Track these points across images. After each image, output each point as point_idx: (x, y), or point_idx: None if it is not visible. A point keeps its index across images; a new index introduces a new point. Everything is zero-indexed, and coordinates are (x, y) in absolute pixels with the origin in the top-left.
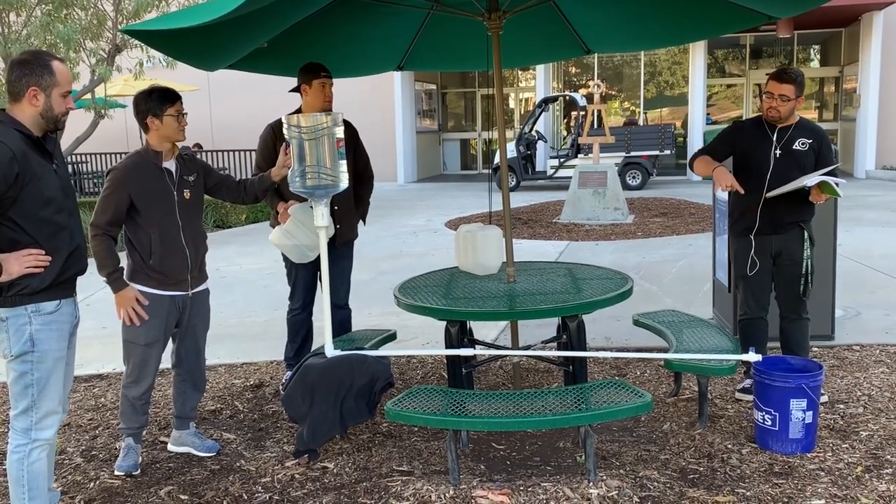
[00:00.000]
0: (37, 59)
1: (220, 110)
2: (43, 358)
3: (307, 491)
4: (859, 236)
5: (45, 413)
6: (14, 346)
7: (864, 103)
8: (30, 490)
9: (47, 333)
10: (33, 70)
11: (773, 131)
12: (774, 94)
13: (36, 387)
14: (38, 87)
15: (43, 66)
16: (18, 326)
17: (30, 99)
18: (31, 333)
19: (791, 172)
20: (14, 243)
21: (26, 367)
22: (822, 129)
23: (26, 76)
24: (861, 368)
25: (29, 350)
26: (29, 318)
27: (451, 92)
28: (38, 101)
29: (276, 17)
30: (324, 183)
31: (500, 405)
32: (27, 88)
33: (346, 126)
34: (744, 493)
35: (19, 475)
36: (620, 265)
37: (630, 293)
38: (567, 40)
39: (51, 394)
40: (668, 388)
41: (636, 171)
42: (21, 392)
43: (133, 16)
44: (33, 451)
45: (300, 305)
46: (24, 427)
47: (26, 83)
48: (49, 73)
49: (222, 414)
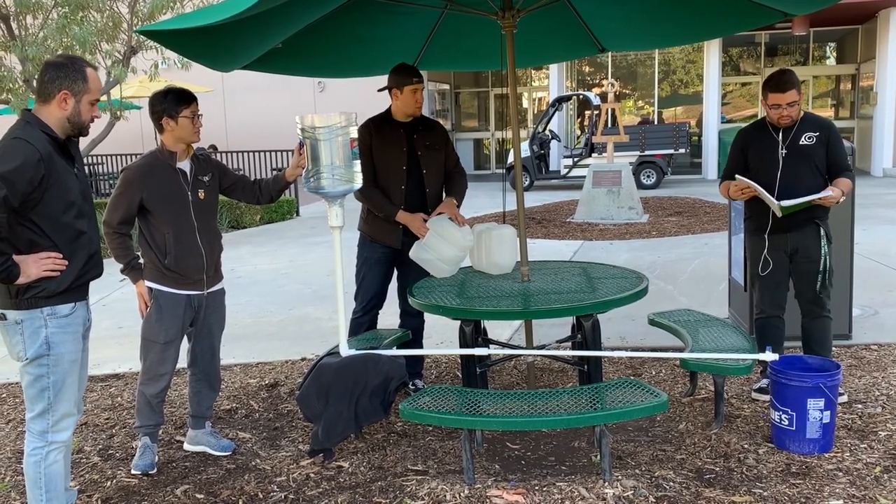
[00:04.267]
0: (72, 64)
1: (234, 111)
2: (58, 361)
3: (322, 490)
4: (877, 235)
5: (62, 416)
6: (29, 349)
7: (881, 101)
8: (47, 492)
9: (62, 336)
10: (67, 74)
11: (777, 131)
12: (782, 104)
13: (52, 390)
14: (70, 91)
15: (77, 71)
16: (34, 329)
17: (59, 102)
18: (46, 336)
19: (801, 169)
20: (32, 245)
21: (42, 371)
22: (828, 121)
23: (59, 79)
24: (879, 368)
25: (45, 353)
26: (44, 320)
27: (465, 91)
28: (68, 105)
29: (290, 17)
30: (337, 183)
31: (515, 405)
32: (58, 91)
33: (436, 127)
34: (761, 493)
35: (37, 477)
36: (635, 264)
37: (645, 292)
38: (581, 39)
39: (66, 396)
40: (683, 387)
41: (650, 170)
42: (37, 395)
43: (148, 17)
44: (50, 454)
45: (361, 308)
46: (41, 430)
47: (58, 86)
48: (83, 79)
49: (238, 413)
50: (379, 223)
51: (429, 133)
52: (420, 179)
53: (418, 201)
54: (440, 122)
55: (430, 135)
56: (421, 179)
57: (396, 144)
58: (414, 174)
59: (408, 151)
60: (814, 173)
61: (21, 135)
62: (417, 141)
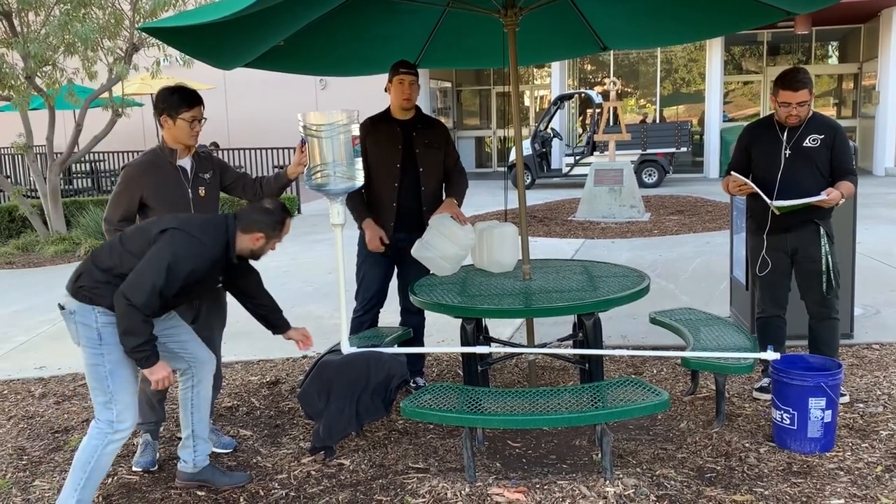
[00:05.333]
0: (279, 213)
1: (236, 109)
2: (112, 349)
3: (323, 487)
4: (879, 234)
5: (124, 406)
6: (82, 338)
7: (884, 100)
8: (88, 478)
9: (112, 331)
10: (271, 221)
11: (783, 131)
12: (792, 103)
13: (110, 379)
14: (265, 235)
15: (280, 221)
16: (86, 322)
17: (254, 239)
18: (98, 329)
19: (803, 171)
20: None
21: (98, 360)
22: (836, 123)
23: (263, 223)
24: (881, 367)
25: (97, 342)
26: (95, 316)
27: (466, 89)
28: (258, 243)
29: (292, 15)
30: (339, 181)
31: (516, 403)
32: (258, 231)
33: (436, 125)
34: (762, 492)
35: (87, 460)
36: (637, 263)
37: (646, 291)
38: (583, 37)
39: (125, 387)
40: (684, 386)
41: (652, 169)
42: (98, 385)
43: (150, 14)
44: (111, 444)
45: (362, 307)
46: (108, 419)
47: (260, 228)
48: (280, 228)
49: (239, 411)
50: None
51: (428, 131)
52: (416, 177)
53: (413, 199)
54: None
55: (428, 133)
56: (417, 177)
57: (391, 142)
58: (409, 172)
59: (403, 149)
60: (815, 175)
61: (206, 240)
62: (416, 139)
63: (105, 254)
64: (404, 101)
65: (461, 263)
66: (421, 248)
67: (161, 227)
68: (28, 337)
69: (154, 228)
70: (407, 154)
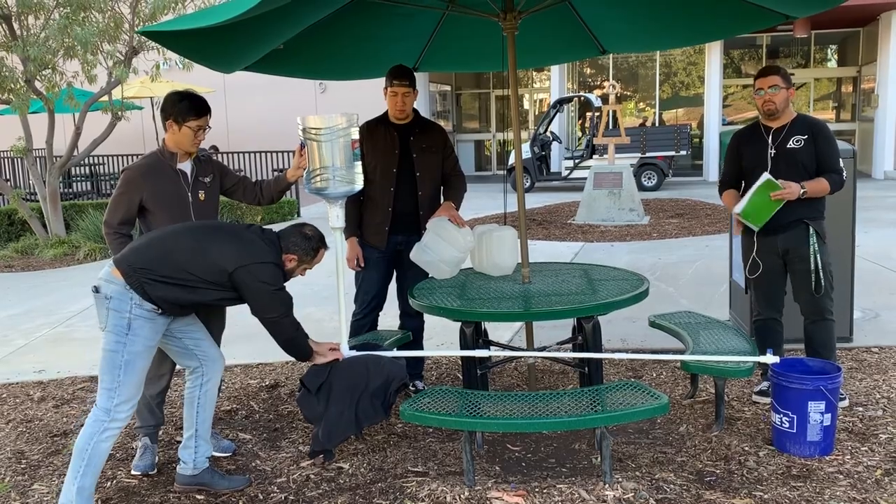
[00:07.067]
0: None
1: (235, 112)
2: (135, 341)
3: (322, 491)
4: (878, 237)
5: (126, 398)
6: (110, 324)
7: (883, 103)
8: (87, 465)
9: (142, 323)
10: (306, 248)
11: (768, 133)
12: (764, 88)
13: (124, 368)
14: (298, 258)
15: (314, 249)
16: (120, 310)
17: (288, 260)
18: (129, 318)
19: (788, 171)
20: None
21: (118, 347)
22: (820, 122)
23: (298, 247)
24: (880, 371)
25: (124, 331)
26: (131, 306)
27: (466, 93)
28: (290, 265)
29: (291, 18)
30: (338, 184)
31: (516, 406)
32: (291, 253)
33: (435, 129)
34: (761, 495)
35: (85, 448)
36: (636, 266)
37: (646, 294)
38: (582, 40)
39: (134, 380)
40: (684, 389)
41: (651, 172)
42: (109, 371)
43: (150, 18)
44: (106, 431)
45: (361, 310)
46: (105, 407)
47: (294, 251)
48: (313, 256)
49: (238, 414)
50: (368, 225)
51: (426, 135)
52: (413, 182)
53: (409, 204)
54: (440, 124)
55: (426, 137)
56: (413, 182)
57: (388, 146)
58: (406, 176)
59: (400, 153)
60: (801, 175)
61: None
62: (413, 143)
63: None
64: (398, 112)
65: (460, 267)
66: (420, 252)
67: (228, 265)
68: (27, 340)
69: (222, 263)
70: (404, 158)
